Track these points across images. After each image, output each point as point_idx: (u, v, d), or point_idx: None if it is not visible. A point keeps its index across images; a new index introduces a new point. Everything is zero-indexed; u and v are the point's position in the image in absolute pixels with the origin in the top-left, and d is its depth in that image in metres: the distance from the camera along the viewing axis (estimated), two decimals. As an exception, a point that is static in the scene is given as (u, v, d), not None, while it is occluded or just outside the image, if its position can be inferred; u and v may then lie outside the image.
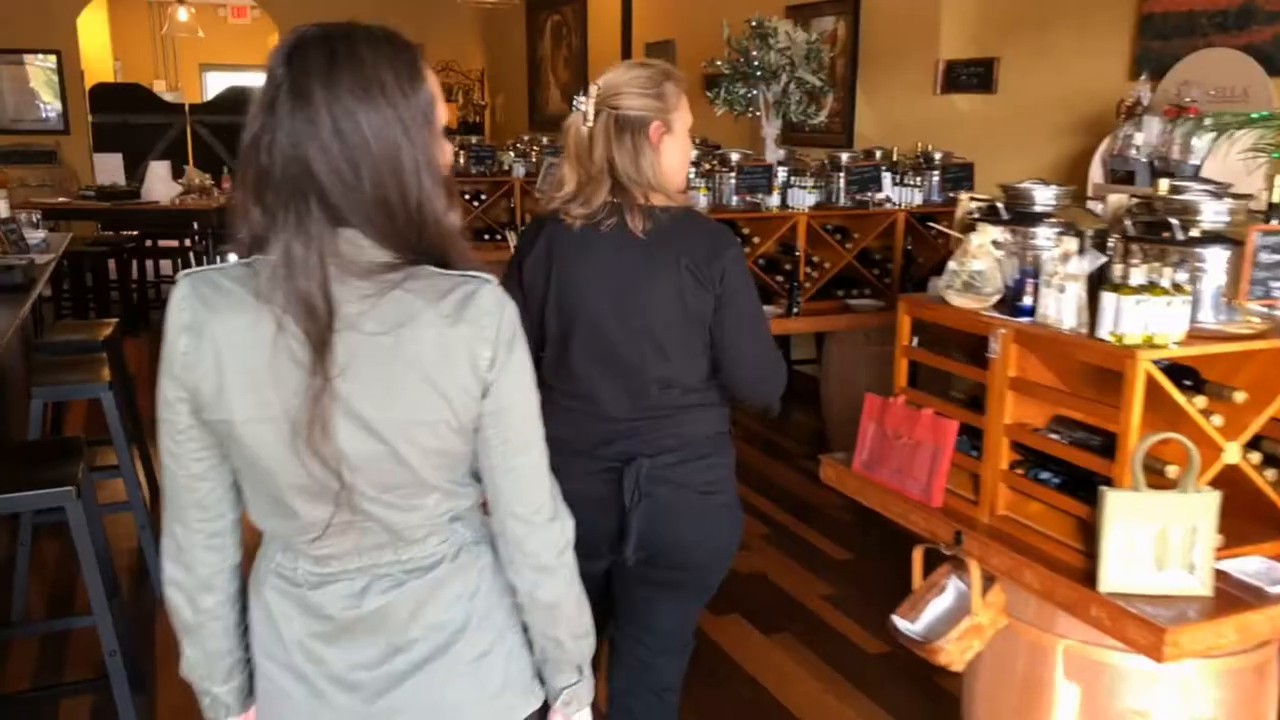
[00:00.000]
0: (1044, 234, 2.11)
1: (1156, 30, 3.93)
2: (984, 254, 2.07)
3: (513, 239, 4.72)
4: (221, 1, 14.44)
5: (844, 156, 4.57)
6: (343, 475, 1.15)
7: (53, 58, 10.18)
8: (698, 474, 1.97)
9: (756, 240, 4.38)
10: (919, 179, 4.60)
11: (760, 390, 2.02)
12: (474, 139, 6.56)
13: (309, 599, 1.25)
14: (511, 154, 6.54)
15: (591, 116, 1.91)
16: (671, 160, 1.94)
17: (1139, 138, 3.67)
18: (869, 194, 4.44)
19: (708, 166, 4.47)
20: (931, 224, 4.47)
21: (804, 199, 4.40)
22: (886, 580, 3.72)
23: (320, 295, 1.09)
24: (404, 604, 1.24)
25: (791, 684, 3.13)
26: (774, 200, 4.36)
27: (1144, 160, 3.68)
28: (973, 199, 2.24)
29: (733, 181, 4.31)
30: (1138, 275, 1.75)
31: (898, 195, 4.59)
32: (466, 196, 6.25)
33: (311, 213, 1.10)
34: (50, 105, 10.21)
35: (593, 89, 1.94)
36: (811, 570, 3.83)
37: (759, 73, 4.30)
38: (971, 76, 4.90)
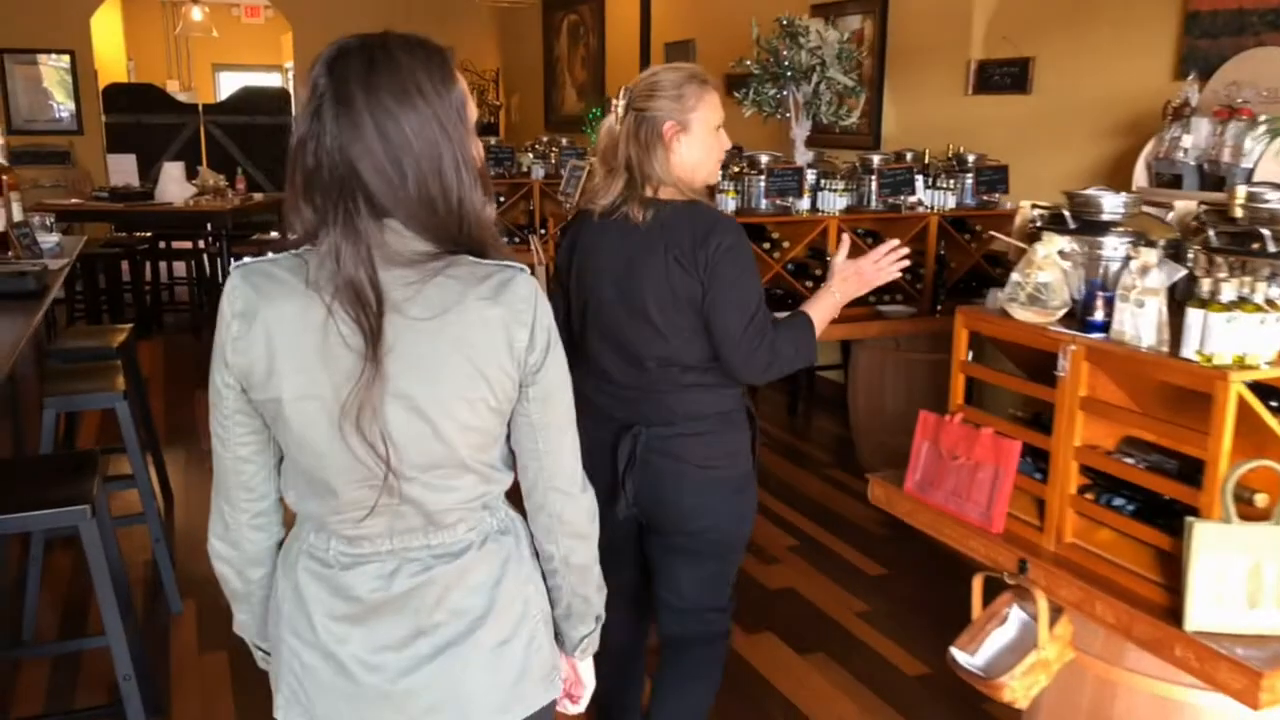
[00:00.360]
0: (1112, 244, 1.99)
1: (1203, 28, 3.79)
2: (1050, 265, 1.95)
3: (535, 242, 4.62)
4: (235, 1, 14.38)
5: (875, 159, 4.44)
6: (389, 457, 1.20)
7: (66, 58, 10.12)
8: (696, 448, 2.14)
9: (786, 244, 4.27)
10: (951, 182, 4.48)
11: (750, 372, 2.10)
12: (492, 140, 6.44)
13: (339, 580, 1.29)
14: (530, 155, 6.43)
15: (621, 116, 2.10)
16: (687, 157, 2.09)
17: (1187, 140, 3.54)
18: (901, 197, 4.32)
19: (736, 169, 4.36)
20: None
21: (834, 202, 4.28)
22: (923, 597, 3.61)
23: (368, 284, 1.16)
24: (431, 588, 1.29)
25: (828, 706, 3.01)
26: (804, 204, 4.24)
27: (1192, 163, 3.55)
28: (1035, 207, 2.12)
29: (762, 184, 4.20)
30: (1229, 290, 1.62)
31: (929, 198, 4.46)
32: (485, 198, 6.14)
33: (359, 209, 1.17)
34: (64, 106, 10.15)
35: (623, 91, 2.12)
36: (844, 585, 3.71)
37: (789, 73, 4.17)
38: (1005, 76, 4.77)
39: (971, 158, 4.65)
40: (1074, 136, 4.49)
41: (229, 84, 13.86)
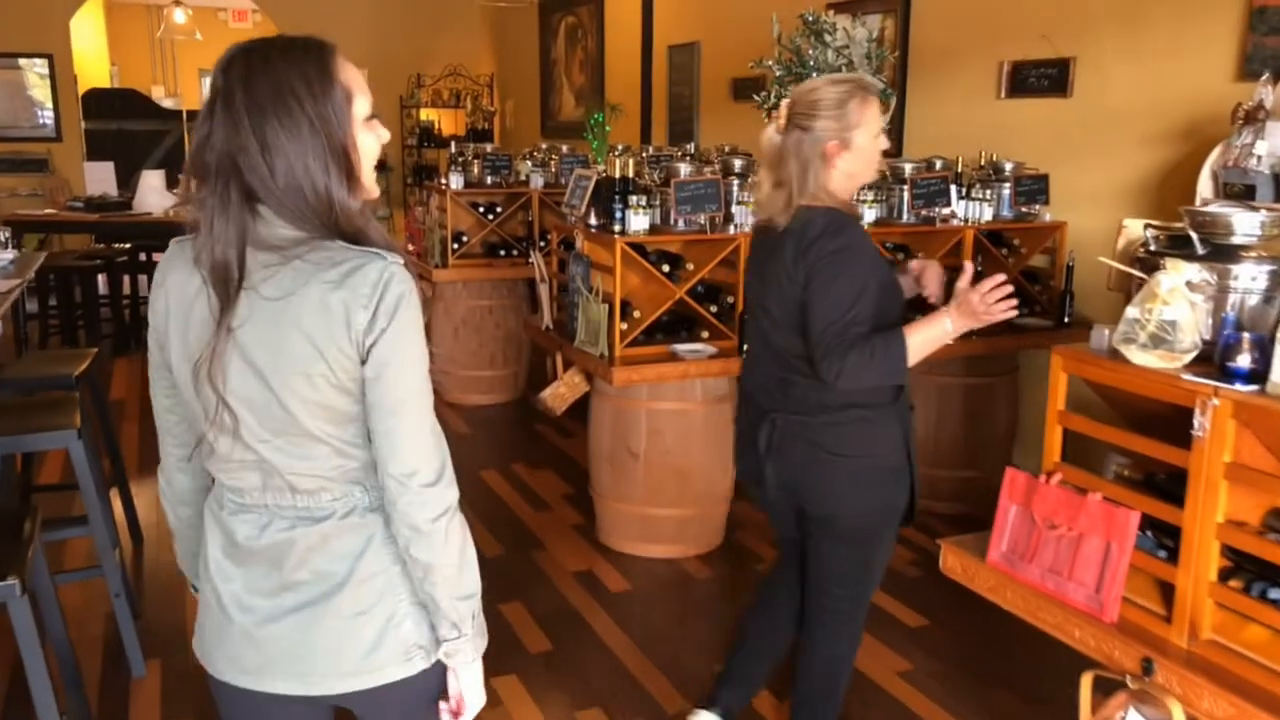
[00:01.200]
0: (1249, 272, 1.64)
1: (1271, 24, 3.46)
2: (1178, 298, 1.60)
3: (536, 258, 4.26)
4: (222, 5, 14.01)
5: (907, 167, 4.11)
6: (235, 410, 1.35)
7: (44, 62, 9.75)
8: (827, 437, 2.28)
9: (812, 261, 3.92)
10: (987, 192, 4.14)
11: (824, 376, 2.16)
12: (488, 147, 6.09)
13: (226, 522, 1.46)
14: (529, 163, 6.08)
15: (783, 127, 2.24)
16: (846, 169, 2.24)
17: (1261, 146, 3.20)
18: (935, 209, 3.99)
19: (756, 179, 4.01)
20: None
21: (863, 214, 3.94)
22: (971, 652, 3.25)
23: (235, 263, 1.32)
24: (294, 547, 1.42)
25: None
26: (831, 216, 3.89)
27: (1267, 172, 3.21)
28: (1149, 226, 1.77)
29: (785, 195, 3.86)
30: None
31: (964, 210, 4.13)
32: (481, 209, 5.79)
33: (234, 198, 1.31)
34: (46, 111, 9.78)
35: (784, 104, 2.27)
36: (883, 640, 3.35)
37: (815, 74, 3.83)
38: (1042, 78, 4.43)
39: (1009, 166, 4.31)
40: (1119, 143, 4.15)
41: (216, 89, 13.47)
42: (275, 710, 1.49)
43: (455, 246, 5.66)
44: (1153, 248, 1.75)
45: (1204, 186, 3.38)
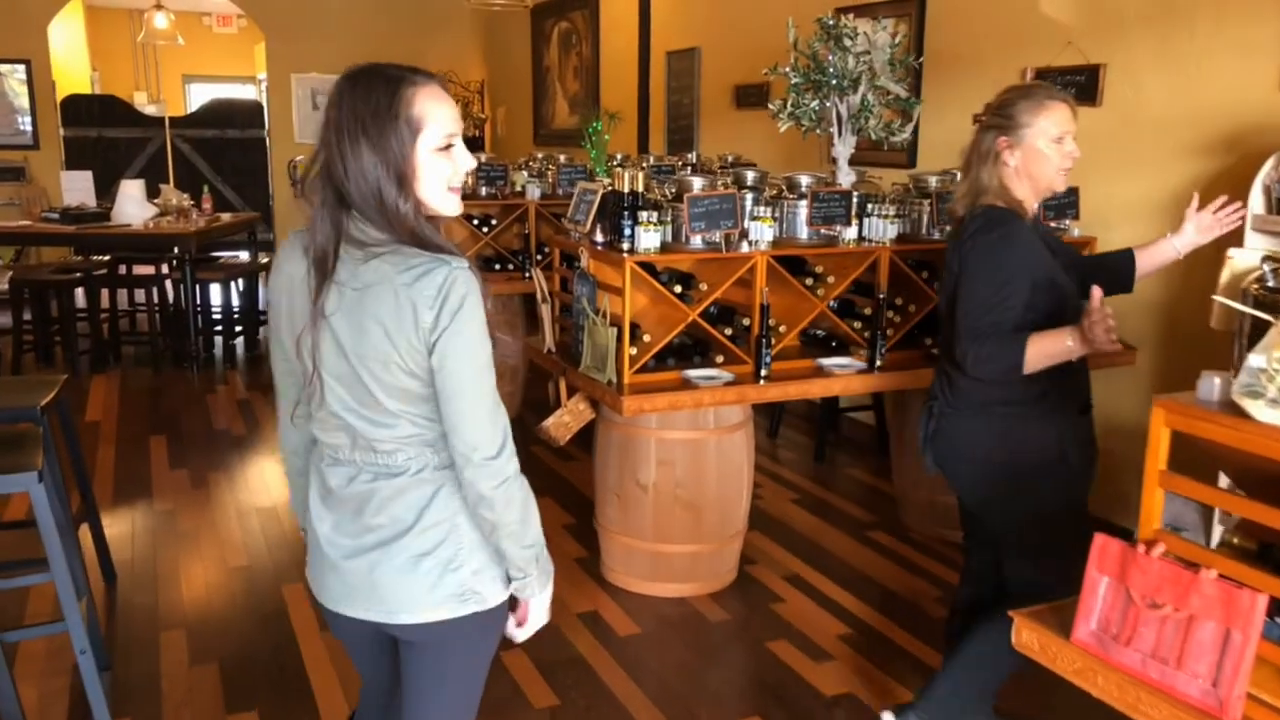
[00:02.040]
0: (1389, 313, 1.40)
1: (1323, 29, 3.25)
2: (1312, 346, 1.36)
3: (538, 275, 4.00)
4: (206, 10, 13.72)
5: (932, 180, 3.88)
6: (327, 382, 1.62)
7: (22, 67, 9.46)
8: (963, 427, 2.45)
9: (831, 279, 3.68)
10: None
11: (957, 351, 2.31)
12: (482, 156, 5.82)
13: (324, 473, 1.73)
14: (525, 173, 5.83)
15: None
16: (1018, 167, 2.36)
17: (1321, 160, 2.99)
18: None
19: (772, 193, 3.78)
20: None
21: (884, 230, 3.71)
22: (1010, 705, 2.99)
23: (331, 254, 1.59)
24: (376, 495, 1.67)
25: None
26: (850, 232, 3.66)
27: (1325, 188, 3.00)
28: (1269, 259, 1.53)
29: (802, 210, 3.62)
30: None
31: (989, 225, 3.90)
32: (475, 222, 5.54)
33: (330, 199, 1.59)
34: (25, 118, 9.49)
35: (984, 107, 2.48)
36: (914, 688, 3.11)
37: (834, 81, 3.59)
38: (1069, 86, 4.21)
39: (1035, 178, 4.09)
40: (1154, 153, 3.93)
41: (200, 96, 13.19)
42: (355, 631, 1.77)
43: (448, 261, 5.40)
44: (1272, 283, 1.51)
45: (1256, 202, 3.17)
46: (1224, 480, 1.87)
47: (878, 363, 3.63)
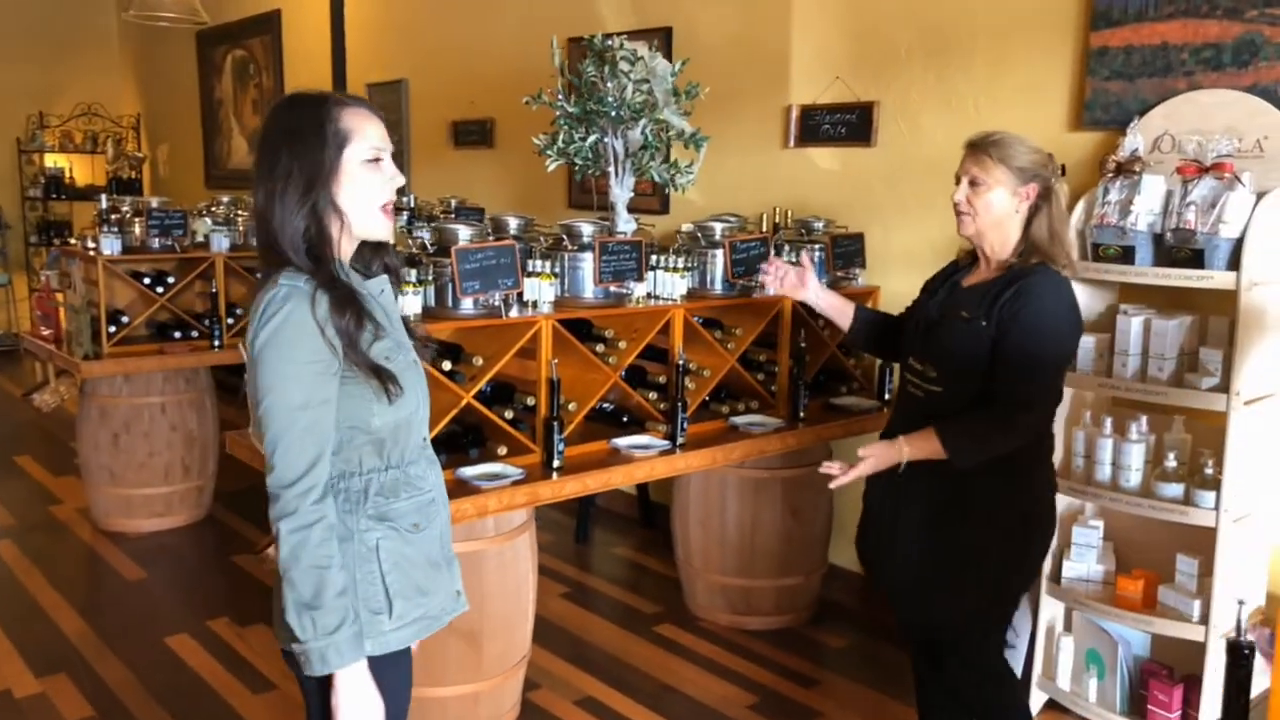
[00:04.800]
0: None
1: (1113, 67, 3.11)
2: None
3: (240, 329, 3.11)
4: None
5: (717, 227, 3.42)
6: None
7: None
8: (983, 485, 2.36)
9: (623, 345, 3.10)
10: (794, 255, 3.53)
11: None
12: (154, 201, 4.73)
13: None
14: (208, 220, 4.82)
15: None
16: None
17: (1138, 203, 2.81)
18: (755, 277, 3.31)
19: (550, 243, 3.15)
20: None
21: (674, 286, 3.20)
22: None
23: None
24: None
25: None
26: (641, 289, 3.12)
27: (1146, 231, 2.82)
28: None
29: (586, 265, 3.02)
30: None
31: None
32: (146, 280, 4.48)
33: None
34: None
35: None
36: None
37: (614, 113, 3.04)
38: (838, 125, 3.94)
39: (819, 224, 3.76)
40: (935, 196, 3.70)
41: None
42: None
43: (112, 330, 4.31)
44: None
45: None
46: None
47: (679, 440, 3.09)
